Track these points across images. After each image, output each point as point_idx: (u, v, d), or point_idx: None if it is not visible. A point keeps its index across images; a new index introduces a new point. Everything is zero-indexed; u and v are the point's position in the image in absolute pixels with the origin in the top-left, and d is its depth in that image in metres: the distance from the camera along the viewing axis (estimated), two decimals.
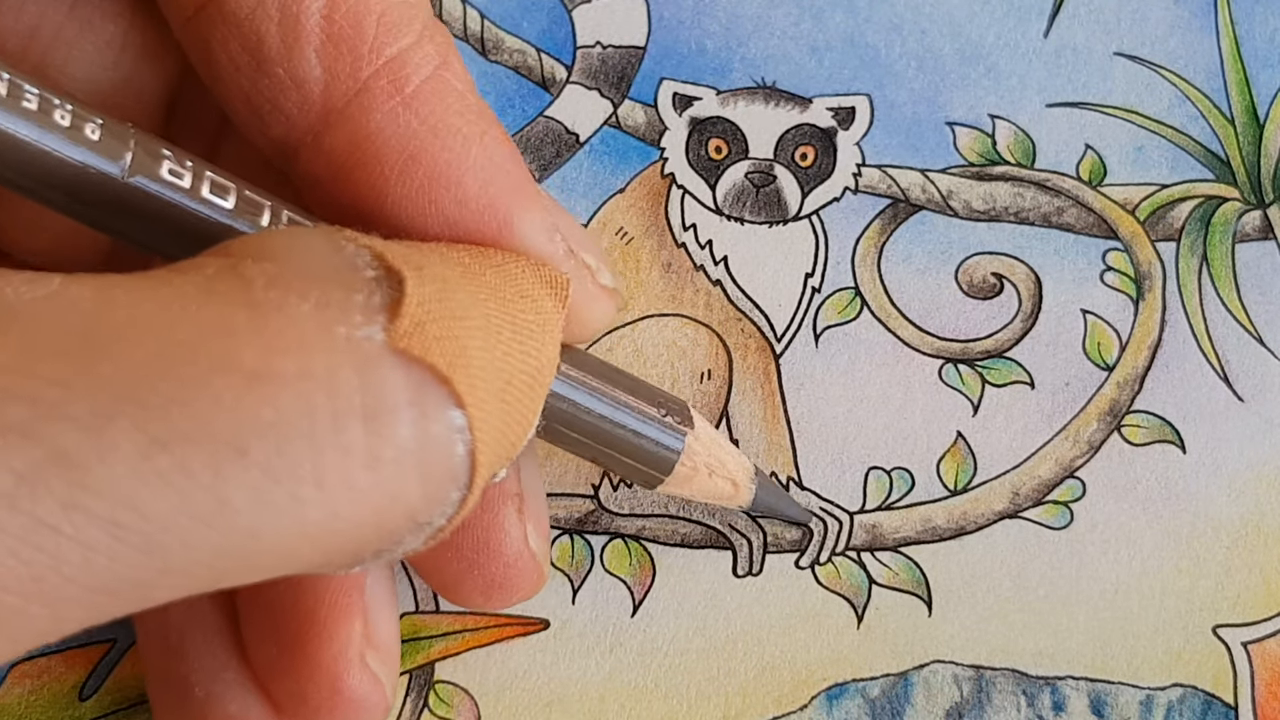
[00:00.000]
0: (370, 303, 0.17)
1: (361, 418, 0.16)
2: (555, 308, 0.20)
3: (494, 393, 0.18)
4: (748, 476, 0.25)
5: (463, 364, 0.17)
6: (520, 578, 0.23)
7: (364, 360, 0.16)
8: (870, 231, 0.29)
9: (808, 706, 0.25)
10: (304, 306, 0.16)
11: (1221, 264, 0.29)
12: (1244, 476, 0.27)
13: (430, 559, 0.23)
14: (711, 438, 0.24)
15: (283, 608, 0.22)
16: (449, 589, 0.23)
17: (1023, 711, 0.25)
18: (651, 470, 0.23)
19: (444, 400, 0.17)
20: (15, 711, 0.25)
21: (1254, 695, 0.26)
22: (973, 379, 0.28)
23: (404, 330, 0.17)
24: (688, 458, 0.24)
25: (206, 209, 0.19)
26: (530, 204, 0.21)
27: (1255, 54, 0.31)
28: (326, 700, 0.22)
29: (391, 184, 0.20)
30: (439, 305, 0.17)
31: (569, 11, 0.31)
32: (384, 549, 0.18)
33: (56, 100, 0.18)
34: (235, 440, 0.15)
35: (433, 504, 0.17)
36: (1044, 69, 0.30)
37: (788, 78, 0.30)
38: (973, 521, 0.27)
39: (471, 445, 0.17)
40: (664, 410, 0.23)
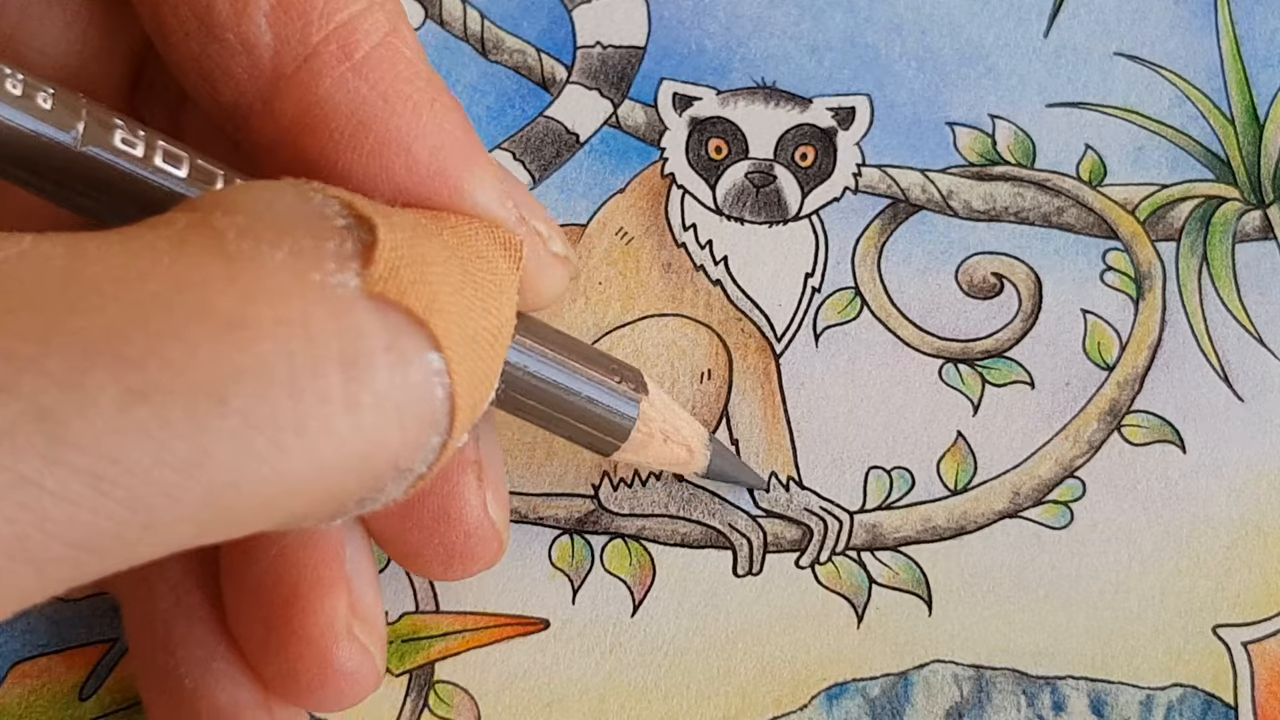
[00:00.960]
0: (342, 249, 0.17)
1: (339, 363, 0.16)
2: (510, 269, 0.20)
3: (466, 339, 0.18)
4: (702, 443, 0.25)
5: (438, 308, 0.17)
6: (480, 546, 0.23)
7: (339, 306, 0.16)
8: (870, 231, 0.29)
9: (808, 706, 0.25)
10: (277, 255, 0.16)
11: (1221, 264, 0.29)
12: (1244, 476, 0.27)
13: (390, 528, 0.23)
14: (666, 404, 0.24)
15: (266, 587, 0.22)
16: (409, 558, 0.23)
17: (1023, 711, 0.25)
18: (607, 437, 0.24)
19: (422, 343, 0.17)
20: (15, 711, 0.25)
21: (1254, 695, 0.26)
22: (973, 379, 0.28)
23: (378, 275, 0.17)
24: (643, 424, 0.24)
25: (160, 178, 0.19)
26: (481, 170, 0.21)
27: (1255, 54, 0.31)
28: (317, 675, 0.22)
29: (342, 150, 0.20)
30: (410, 251, 0.17)
31: (569, 11, 0.31)
32: (366, 497, 0.18)
33: (8, 70, 0.18)
34: (213, 389, 0.15)
35: (414, 449, 0.17)
36: (1044, 69, 0.30)
37: (788, 78, 0.30)
38: (973, 521, 0.27)
39: (450, 388, 0.17)
40: (619, 377, 0.23)
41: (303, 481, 0.16)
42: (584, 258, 0.28)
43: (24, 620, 0.26)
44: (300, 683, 0.22)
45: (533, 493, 0.27)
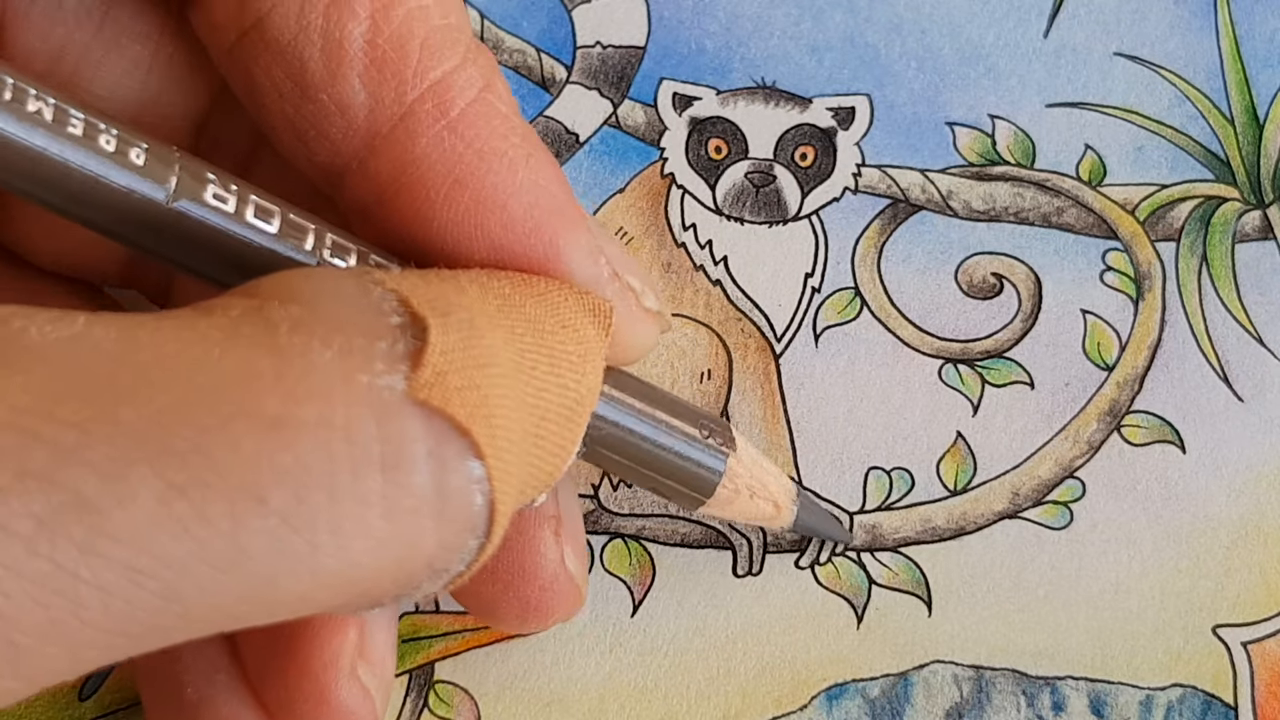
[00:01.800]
0: (393, 351, 0.17)
1: (380, 467, 0.16)
2: (598, 335, 0.20)
3: (521, 436, 0.18)
4: (789, 498, 0.25)
5: (484, 414, 0.17)
6: (557, 600, 0.23)
7: (384, 410, 0.16)
8: (870, 231, 0.29)
9: (807, 706, 0.25)
10: (327, 354, 0.16)
11: (1221, 264, 0.29)
12: (1244, 476, 0.27)
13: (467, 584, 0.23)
14: (754, 459, 0.24)
15: None
16: (485, 612, 0.23)
17: (1022, 711, 0.25)
18: (693, 492, 0.23)
19: (463, 451, 0.17)
20: (15, 711, 0.25)
21: (1254, 695, 0.26)
22: (972, 379, 0.28)
23: (425, 381, 0.17)
24: (729, 480, 0.23)
25: (251, 234, 0.19)
26: (576, 227, 0.21)
27: (1255, 54, 0.31)
28: (313, 710, 0.22)
29: (438, 208, 0.20)
30: (462, 354, 0.17)
31: (569, 11, 0.31)
32: (401, 594, 0.18)
33: (102, 125, 0.18)
34: (254, 488, 0.15)
35: (450, 552, 0.17)
36: (1044, 69, 0.30)
37: (788, 78, 0.30)
38: (973, 521, 0.27)
39: (490, 496, 0.17)
40: (706, 431, 0.23)
41: (338, 579, 0.16)
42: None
43: None
44: (296, 714, 0.22)
45: None
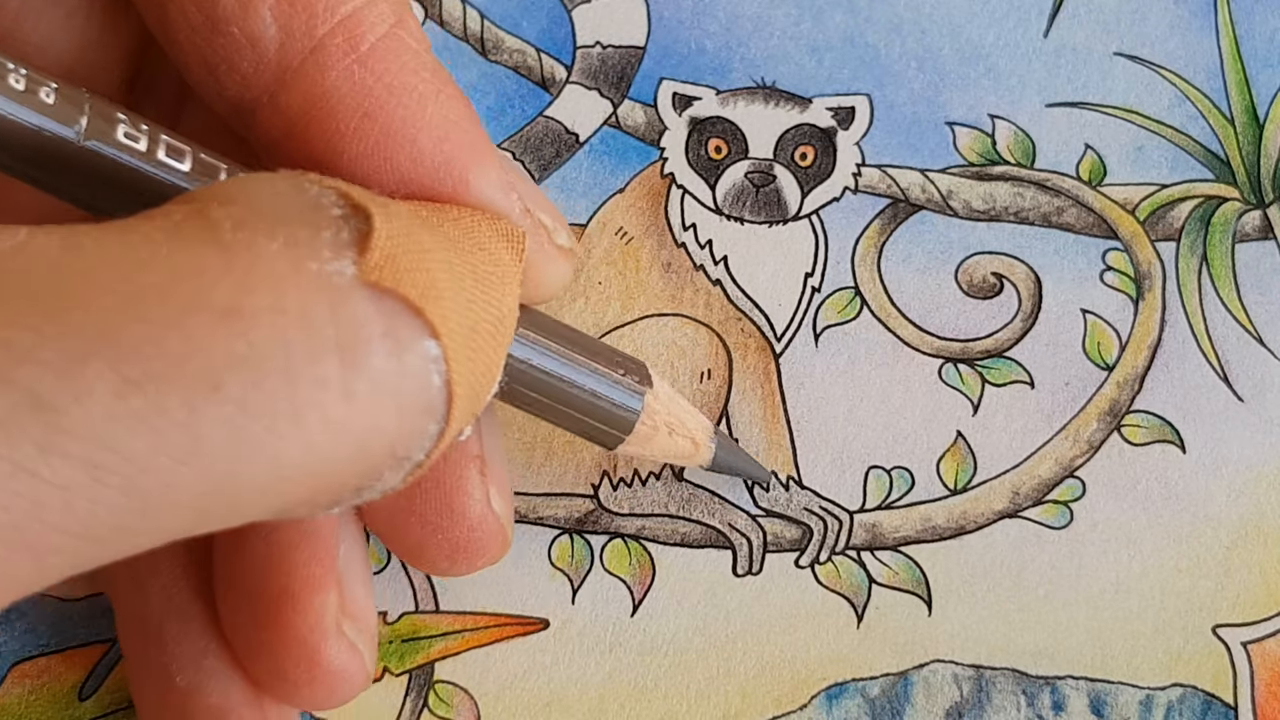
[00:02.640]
0: (338, 239, 0.17)
1: (336, 350, 0.16)
2: (513, 260, 0.20)
3: (465, 328, 0.18)
4: (707, 435, 0.25)
5: (434, 295, 0.17)
6: (484, 540, 0.23)
7: (336, 294, 0.16)
8: (870, 231, 0.29)
9: (808, 706, 0.25)
10: (273, 245, 0.16)
11: (1221, 264, 0.29)
12: (1244, 476, 0.27)
13: (394, 524, 0.23)
14: (670, 396, 0.24)
15: (257, 585, 0.22)
16: (413, 554, 0.23)
17: (1023, 711, 0.25)
18: (611, 430, 0.23)
19: (418, 331, 0.17)
20: (15, 711, 0.25)
21: (1254, 695, 0.26)
22: (973, 378, 0.28)
23: (374, 263, 0.17)
24: (647, 416, 0.24)
25: (163, 172, 0.19)
26: (486, 161, 0.21)
27: (1255, 54, 0.31)
28: (305, 673, 0.22)
29: (348, 142, 0.20)
30: (407, 239, 0.17)
31: (569, 11, 0.31)
32: (364, 485, 0.18)
33: (11, 65, 0.18)
34: (209, 376, 0.15)
35: (410, 437, 0.17)
36: (1044, 69, 0.30)
37: (788, 78, 0.30)
38: (973, 521, 0.27)
39: (447, 375, 0.17)
40: (623, 370, 0.23)
41: (300, 469, 0.16)
42: (584, 258, 0.28)
43: (24, 620, 0.26)
44: (289, 680, 0.22)
45: (532, 492, 0.27)
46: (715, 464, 0.26)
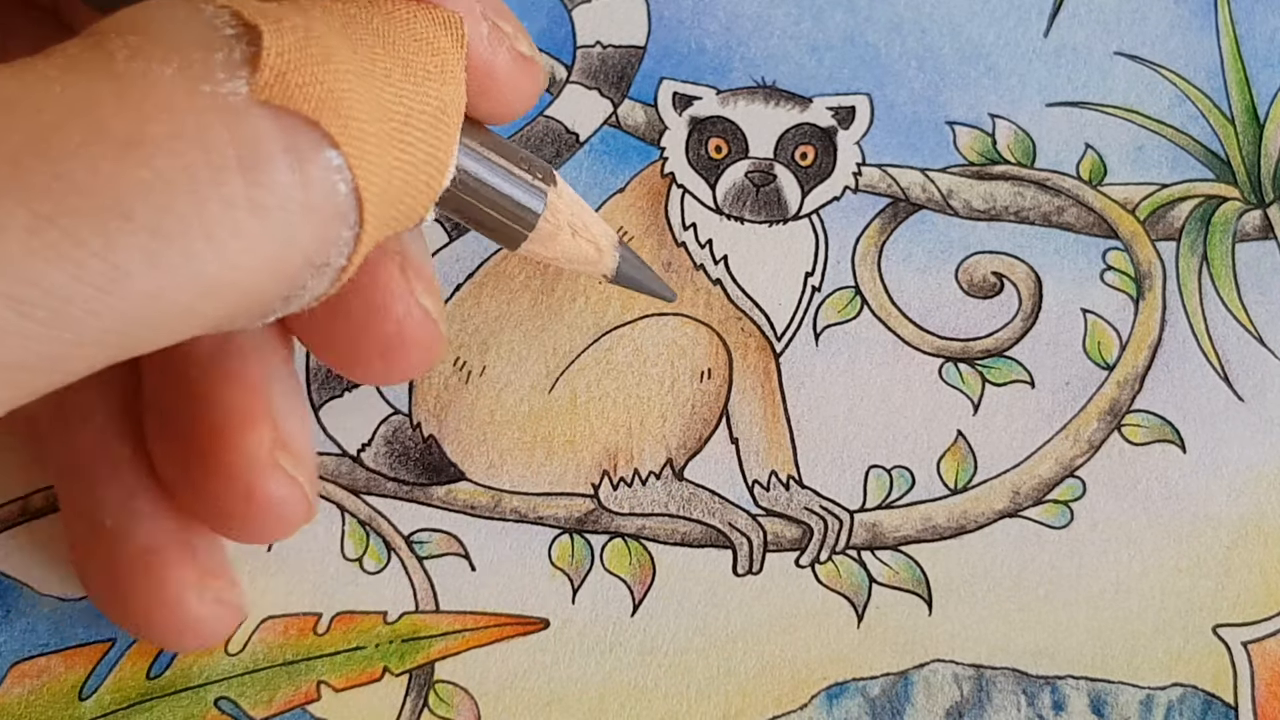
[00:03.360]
0: (230, 59, 0.17)
1: (239, 169, 0.17)
2: (453, 47, 0.20)
3: (381, 133, 0.18)
4: (611, 242, 0.25)
5: (331, 105, 0.18)
6: (413, 334, 0.23)
7: (232, 114, 0.17)
8: (870, 231, 0.29)
9: (808, 706, 0.25)
10: (166, 71, 0.17)
11: (1221, 264, 0.29)
12: (1244, 476, 0.27)
13: (323, 334, 0.23)
14: (574, 198, 0.24)
15: (188, 422, 0.22)
16: (350, 363, 0.23)
17: (1023, 711, 0.25)
18: (515, 226, 0.23)
19: (317, 142, 0.17)
20: (15, 711, 0.25)
21: (1254, 695, 0.26)
22: (973, 378, 0.28)
23: (265, 81, 0.17)
24: (550, 215, 0.23)
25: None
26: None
27: (1255, 53, 0.31)
28: (242, 507, 0.22)
29: None
30: (300, 53, 0.18)
31: (569, 11, 0.31)
32: (290, 294, 0.18)
33: None
34: (118, 206, 0.16)
35: (326, 243, 0.18)
36: (1044, 68, 0.30)
37: (788, 77, 0.30)
38: (973, 520, 0.27)
39: (354, 182, 0.18)
40: (527, 167, 0.23)
41: (220, 284, 0.17)
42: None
43: (24, 620, 0.26)
44: (226, 515, 0.22)
45: (533, 492, 0.27)
46: (619, 275, 0.25)
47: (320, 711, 0.25)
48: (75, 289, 0.15)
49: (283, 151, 0.17)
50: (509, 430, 0.27)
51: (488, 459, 0.27)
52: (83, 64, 0.17)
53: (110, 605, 0.24)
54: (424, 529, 0.27)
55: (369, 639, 0.26)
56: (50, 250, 0.15)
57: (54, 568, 0.26)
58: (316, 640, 0.26)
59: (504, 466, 0.27)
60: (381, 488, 0.27)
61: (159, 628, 0.23)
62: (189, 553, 0.23)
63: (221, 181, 0.16)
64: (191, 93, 0.17)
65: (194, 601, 0.23)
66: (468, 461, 0.27)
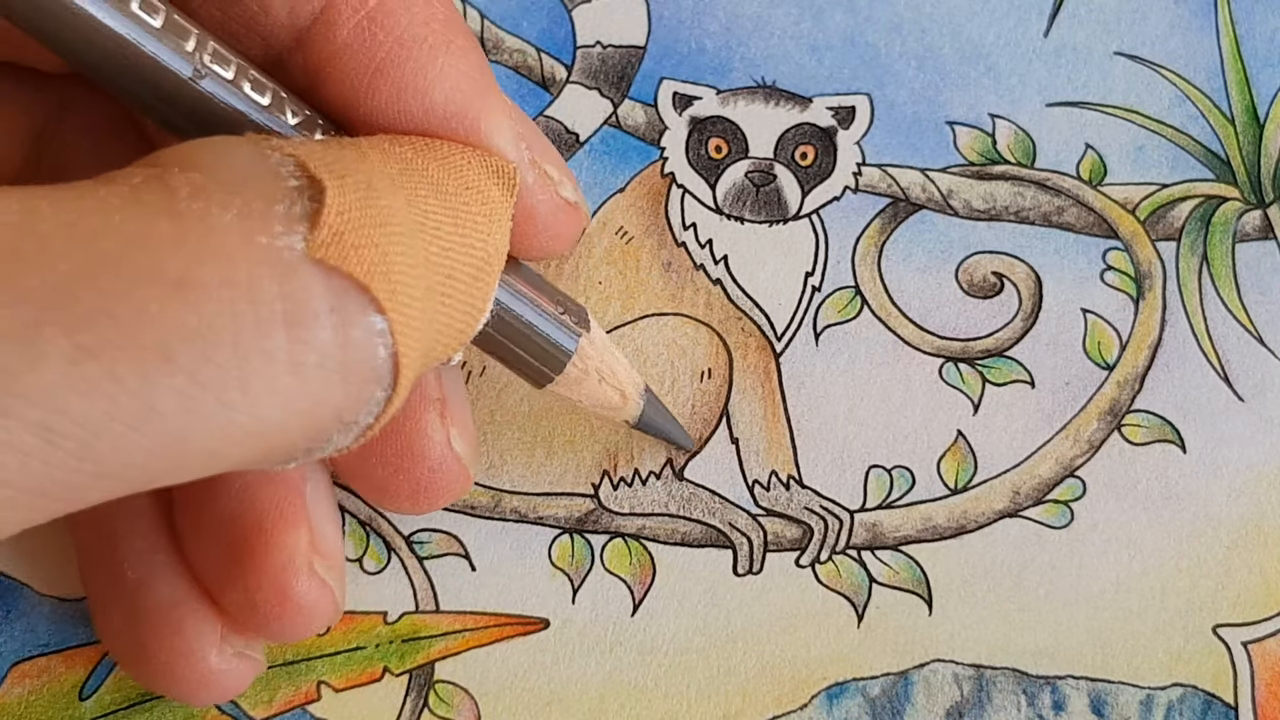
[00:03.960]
0: (291, 212, 0.17)
1: (284, 324, 0.17)
2: (503, 197, 0.21)
3: (426, 292, 0.18)
4: (637, 390, 0.25)
5: (382, 270, 0.18)
6: (445, 480, 0.23)
7: (285, 269, 0.17)
8: (870, 230, 0.29)
9: (808, 706, 0.25)
10: (226, 216, 0.17)
11: (1221, 264, 0.29)
12: (1244, 476, 0.27)
13: (357, 465, 0.23)
14: (605, 345, 0.24)
15: (227, 520, 0.22)
16: (377, 494, 0.24)
17: (1023, 711, 0.25)
18: (543, 367, 0.23)
19: (364, 306, 0.18)
20: (15, 711, 0.25)
21: (1254, 695, 0.26)
22: (973, 378, 0.28)
23: (322, 240, 0.17)
24: (580, 359, 0.24)
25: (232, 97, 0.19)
26: (495, 112, 0.21)
27: (1255, 53, 0.31)
28: (276, 607, 0.22)
29: (361, 98, 0.20)
30: (360, 214, 0.18)
31: (569, 11, 0.31)
32: (314, 447, 0.18)
33: None
34: (161, 347, 0.16)
35: (358, 404, 0.18)
36: (1044, 68, 0.30)
37: (788, 77, 0.30)
38: (973, 520, 0.27)
39: (394, 348, 0.18)
40: (563, 309, 0.23)
41: (248, 434, 0.17)
42: (584, 257, 0.29)
43: (24, 620, 0.26)
44: (259, 614, 0.22)
45: (533, 492, 0.27)
46: (642, 422, 0.26)
47: (320, 711, 0.25)
48: (105, 424, 0.15)
49: (329, 311, 0.17)
50: (509, 430, 0.27)
51: (488, 459, 0.27)
52: (144, 196, 0.16)
53: (128, 655, 0.24)
54: (424, 529, 0.27)
55: (369, 639, 0.26)
56: (86, 383, 0.15)
57: (54, 568, 0.26)
58: (316, 640, 0.26)
59: (504, 466, 0.27)
60: None
61: (178, 681, 0.23)
62: (210, 606, 0.23)
63: (265, 334, 0.16)
64: (247, 241, 0.17)
65: (214, 655, 0.23)
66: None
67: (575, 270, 0.28)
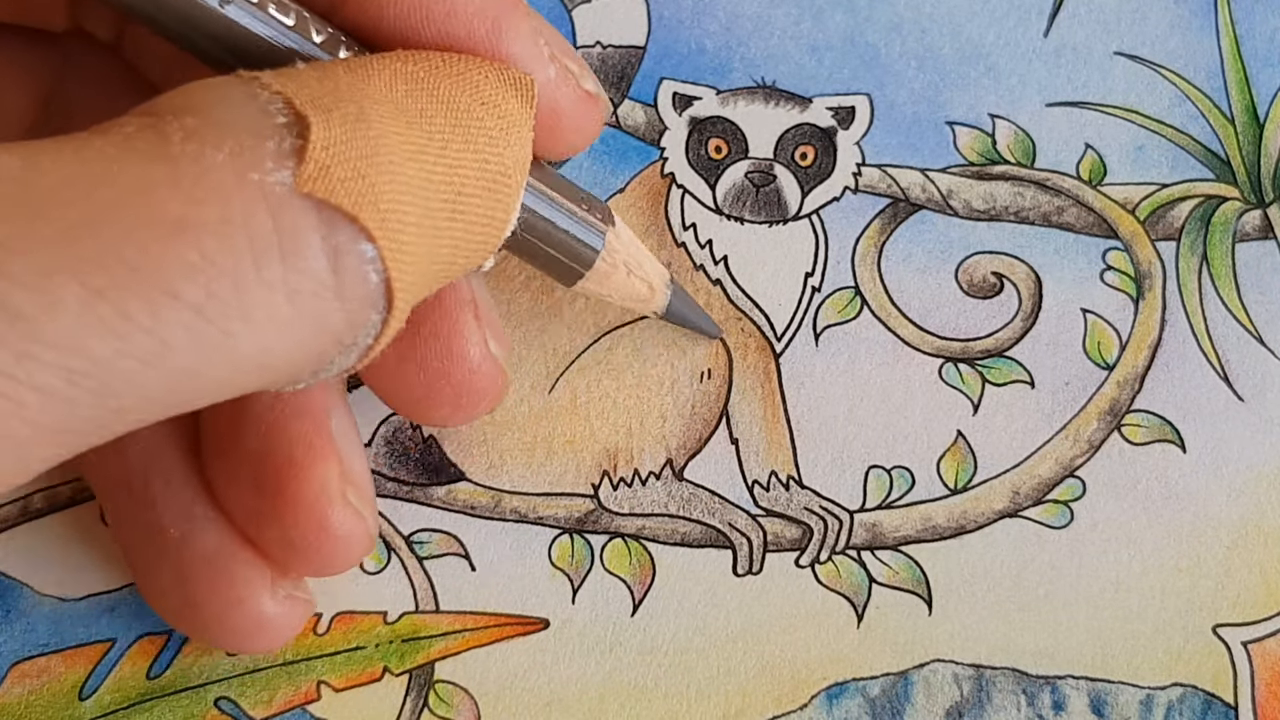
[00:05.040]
0: (280, 149, 0.18)
1: (280, 256, 0.17)
2: (522, 108, 0.21)
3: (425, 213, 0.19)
4: (663, 281, 0.26)
5: (370, 200, 0.18)
6: (486, 381, 0.24)
7: (278, 204, 0.17)
8: (870, 231, 0.29)
9: (808, 706, 0.25)
10: (219, 156, 0.17)
11: (1221, 263, 0.29)
12: (1244, 476, 0.27)
13: (397, 376, 0.24)
14: (630, 238, 0.25)
15: (257, 459, 0.23)
16: (418, 405, 0.24)
17: (1023, 711, 0.25)
18: (573, 264, 0.24)
19: (354, 235, 0.18)
20: (15, 711, 0.25)
21: (1254, 695, 0.26)
22: (973, 378, 0.28)
23: (309, 175, 0.18)
24: (608, 254, 0.24)
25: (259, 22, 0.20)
26: (515, 10, 0.22)
27: (1255, 53, 0.31)
28: (314, 539, 0.23)
29: (386, 4, 0.21)
30: (346, 146, 0.18)
31: (569, 11, 0.31)
32: (318, 368, 0.19)
33: None
34: (167, 285, 0.16)
35: (355, 328, 0.19)
36: (1044, 68, 0.30)
37: (788, 77, 0.30)
38: (973, 520, 0.27)
39: (385, 274, 0.18)
40: (588, 206, 0.24)
41: (254, 361, 0.18)
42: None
43: (24, 620, 0.26)
44: (296, 547, 0.23)
45: (533, 492, 0.27)
46: (669, 312, 0.26)
47: (320, 711, 0.25)
48: (120, 362, 0.16)
49: (321, 242, 0.18)
50: (509, 430, 0.27)
51: (488, 459, 0.27)
52: (139, 143, 0.17)
53: (181, 612, 0.24)
54: (424, 529, 0.27)
55: (369, 639, 0.26)
56: (101, 325, 0.16)
57: (54, 568, 0.26)
58: (316, 640, 0.26)
59: (504, 466, 0.27)
60: (381, 488, 0.27)
61: (233, 630, 0.23)
62: (256, 552, 0.23)
63: (262, 267, 0.17)
64: (241, 179, 0.17)
65: (267, 600, 0.23)
66: (468, 461, 0.27)
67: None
